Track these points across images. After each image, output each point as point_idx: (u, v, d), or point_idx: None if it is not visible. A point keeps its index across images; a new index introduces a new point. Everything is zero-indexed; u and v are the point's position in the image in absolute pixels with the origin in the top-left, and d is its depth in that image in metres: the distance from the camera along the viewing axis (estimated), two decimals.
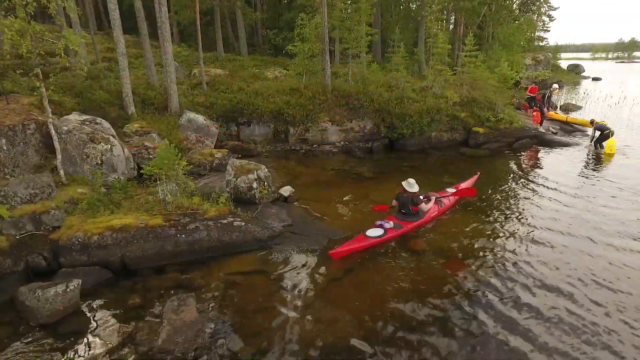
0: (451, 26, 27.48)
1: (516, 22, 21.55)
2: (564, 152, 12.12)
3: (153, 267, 5.97)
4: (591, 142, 12.15)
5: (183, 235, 6.08)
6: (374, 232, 6.49)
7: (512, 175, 10.25)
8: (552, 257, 6.14)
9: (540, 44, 40.93)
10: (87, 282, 5.46)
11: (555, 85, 15.10)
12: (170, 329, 4.53)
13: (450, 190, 8.17)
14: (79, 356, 4.30)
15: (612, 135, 11.61)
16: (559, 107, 19.58)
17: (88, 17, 18.56)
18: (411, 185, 6.90)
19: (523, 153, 12.25)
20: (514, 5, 33.09)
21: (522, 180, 9.77)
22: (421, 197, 7.29)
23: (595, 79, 38.32)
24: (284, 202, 8.29)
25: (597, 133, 11.91)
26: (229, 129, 13.19)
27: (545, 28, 42.53)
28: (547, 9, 42.01)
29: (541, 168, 10.93)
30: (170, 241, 6.02)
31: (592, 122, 12.45)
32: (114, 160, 7.31)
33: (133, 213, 6.47)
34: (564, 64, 46.13)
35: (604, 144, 11.74)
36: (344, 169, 10.91)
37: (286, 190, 8.49)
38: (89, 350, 4.38)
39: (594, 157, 11.55)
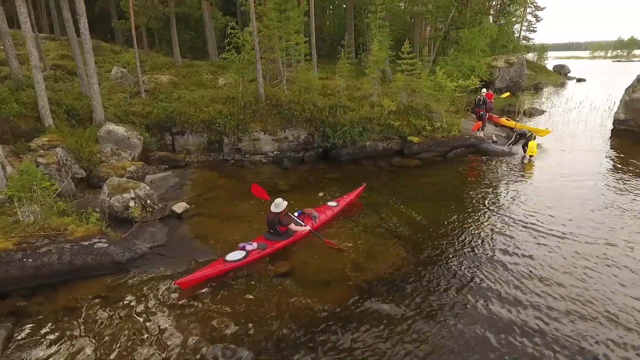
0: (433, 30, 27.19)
1: (481, 24, 21.12)
2: (496, 162, 11.86)
3: None
4: (509, 145, 12.86)
5: (30, 260, 5.97)
6: (234, 256, 6.31)
7: (420, 188, 9.99)
8: (427, 279, 5.99)
9: (526, 43, 40.55)
10: None
11: (484, 90, 14.66)
12: None
13: (332, 204, 8.01)
14: None
15: (534, 139, 11.94)
16: (523, 112, 19.35)
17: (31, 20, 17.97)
18: (277, 205, 6.74)
19: (454, 163, 11.99)
20: (498, 6, 32.76)
21: (425, 193, 9.53)
22: (295, 214, 7.15)
23: (579, 80, 37.78)
24: (176, 219, 8.18)
25: (519, 138, 12.61)
26: (163, 139, 13.13)
27: (532, 28, 42.15)
28: (533, 9, 41.70)
29: (457, 180, 10.66)
30: (16, 265, 5.90)
31: (513, 129, 13.58)
32: None
33: None
34: (559, 63, 45.60)
35: (526, 147, 12.08)
36: (262, 181, 10.72)
37: (180, 207, 8.36)
38: None
39: (522, 168, 11.32)
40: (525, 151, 11.93)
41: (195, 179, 10.89)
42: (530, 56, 42.14)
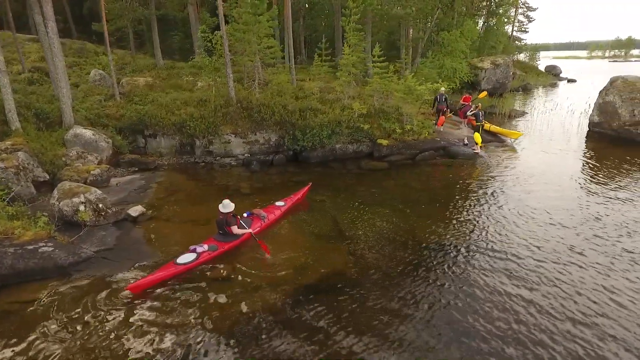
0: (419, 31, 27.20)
1: (462, 26, 21.14)
2: (464, 164, 11.91)
3: None
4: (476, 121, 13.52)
5: None
6: (185, 259, 6.41)
7: (381, 192, 10.02)
8: (368, 286, 6.03)
9: (518, 44, 40.55)
10: None
11: (442, 89, 14.60)
12: None
13: (279, 203, 8.15)
14: None
15: (480, 130, 12.94)
16: (504, 114, 19.43)
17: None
18: (225, 206, 6.88)
19: (421, 166, 12.03)
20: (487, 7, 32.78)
21: (385, 197, 9.58)
22: (245, 214, 7.29)
23: (570, 81, 37.78)
24: (131, 223, 8.26)
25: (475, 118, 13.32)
26: (136, 141, 13.24)
27: (523, 29, 42.13)
28: (525, 9, 41.67)
29: (422, 183, 10.63)
30: None
31: (476, 107, 13.72)
32: None
33: None
34: (551, 64, 45.61)
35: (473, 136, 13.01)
36: (227, 184, 10.84)
37: (136, 210, 8.44)
38: None
39: (488, 170, 11.38)
40: (470, 141, 12.87)
41: (162, 181, 10.98)
42: (522, 56, 42.22)
